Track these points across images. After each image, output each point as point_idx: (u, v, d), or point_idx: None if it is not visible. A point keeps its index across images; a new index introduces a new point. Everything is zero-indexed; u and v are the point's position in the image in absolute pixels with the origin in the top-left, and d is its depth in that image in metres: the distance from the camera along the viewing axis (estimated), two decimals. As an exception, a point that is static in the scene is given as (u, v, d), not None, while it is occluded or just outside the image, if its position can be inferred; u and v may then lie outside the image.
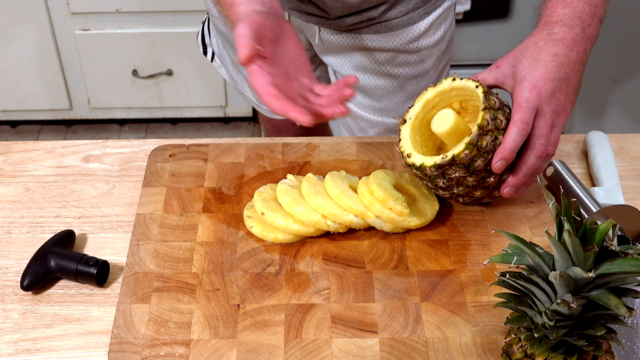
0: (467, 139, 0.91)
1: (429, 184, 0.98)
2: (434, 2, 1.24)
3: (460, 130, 0.94)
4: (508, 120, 0.93)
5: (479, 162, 0.92)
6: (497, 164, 0.92)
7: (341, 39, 1.25)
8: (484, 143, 0.91)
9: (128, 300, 0.93)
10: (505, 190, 0.96)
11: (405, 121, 0.98)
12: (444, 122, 0.94)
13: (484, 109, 0.91)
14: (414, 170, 0.96)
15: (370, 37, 1.24)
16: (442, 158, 0.92)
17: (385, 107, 1.34)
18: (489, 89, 0.95)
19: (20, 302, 0.95)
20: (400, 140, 0.97)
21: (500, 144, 0.92)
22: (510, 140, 0.91)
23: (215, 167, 1.11)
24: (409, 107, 0.99)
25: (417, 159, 0.95)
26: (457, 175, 0.93)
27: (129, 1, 2.25)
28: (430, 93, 0.98)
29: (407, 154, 0.96)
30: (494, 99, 0.94)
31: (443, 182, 0.95)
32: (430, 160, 0.93)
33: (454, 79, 0.97)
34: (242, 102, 2.53)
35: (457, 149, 0.91)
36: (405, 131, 0.97)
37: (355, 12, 1.20)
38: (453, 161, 0.91)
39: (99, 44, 2.34)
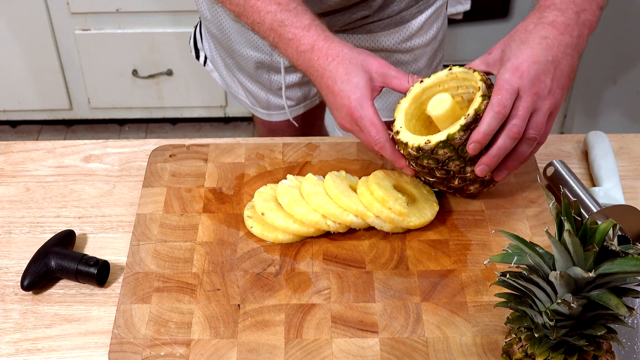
0: (462, 121, 0.91)
1: (427, 177, 0.98)
2: (425, 0, 1.24)
3: (455, 115, 0.94)
4: None
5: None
6: (471, 146, 0.91)
7: None
8: None
9: (128, 300, 0.93)
10: (479, 168, 0.94)
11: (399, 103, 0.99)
12: (441, 104, 0.94)
13: (482, 95, 0.91)
14: (410, 152, 0.95)
15: (364, 37, 1.24)
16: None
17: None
18: (490, 81, 0.95)
19: (20, 302, 0.95)
20: (395, 120, 0.97)
21: None
22: (486, 124, 0.89)
23: (215, 167, 1.11)
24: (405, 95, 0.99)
25: (408, 137, 0.95)
26: (447, 155, 0.93)
27: (129, 1, 2.25)
28: (427, 81, 0.98)
29: (396, 131, 0.96)
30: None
31: (440, 174, 0.95)
32: (420, 140, 0.93)
33: (450, 69, 0.97)
34: (242, 102, 2.53)
35: (452, 128, 0.92)
36: (402, 107, 0.97)
37: (349, 7, 1.19)
38: (446, 141, 0.91)
39: (99, 44, 2.34)
